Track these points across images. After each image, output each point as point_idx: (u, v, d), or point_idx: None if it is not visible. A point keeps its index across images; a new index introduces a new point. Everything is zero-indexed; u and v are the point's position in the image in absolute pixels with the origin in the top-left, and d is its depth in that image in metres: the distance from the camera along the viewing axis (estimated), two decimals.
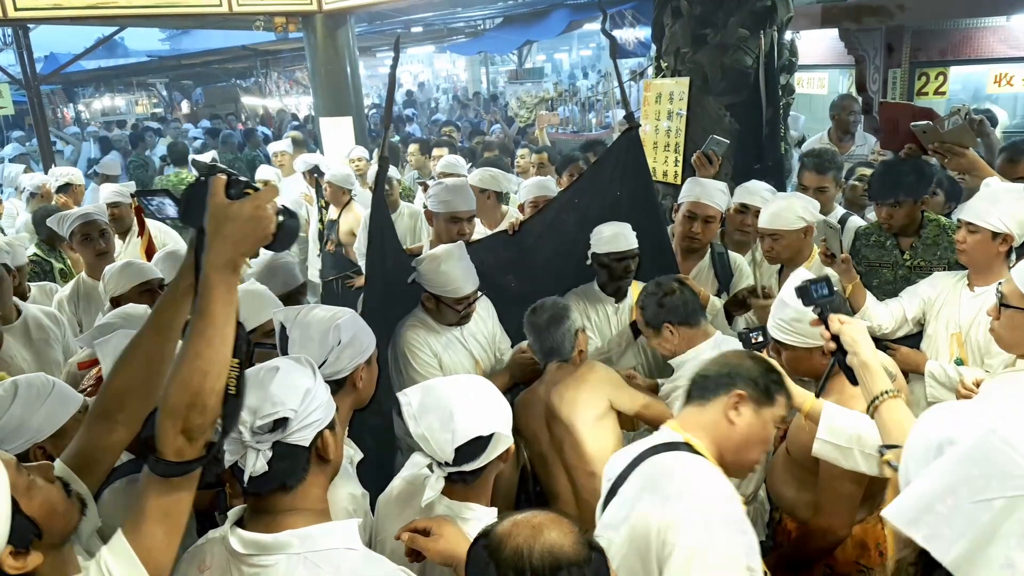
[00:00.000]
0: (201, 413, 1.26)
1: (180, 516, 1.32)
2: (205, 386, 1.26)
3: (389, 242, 3.09)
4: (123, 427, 1.51)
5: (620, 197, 3.39)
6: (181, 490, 1.30)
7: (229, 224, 1.29)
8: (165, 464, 1.27)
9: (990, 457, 0.97)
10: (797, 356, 2.27)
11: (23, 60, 11.52)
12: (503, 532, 1.27)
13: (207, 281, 1.28)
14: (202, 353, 1.26)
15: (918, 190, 3.21)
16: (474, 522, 1.74)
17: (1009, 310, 2.12)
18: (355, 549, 1.43)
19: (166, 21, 12.79)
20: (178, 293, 1.47)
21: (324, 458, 1.47)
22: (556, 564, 1.21)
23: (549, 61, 27.99)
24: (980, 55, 6.31)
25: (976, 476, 0.96)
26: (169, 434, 1.26)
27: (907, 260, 3.29)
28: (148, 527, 1.28)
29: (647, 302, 2.69)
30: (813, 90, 8.12)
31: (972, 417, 1.13)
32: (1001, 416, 1.09)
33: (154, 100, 22.94)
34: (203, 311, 1.28)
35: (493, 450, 1.76)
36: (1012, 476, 0.94)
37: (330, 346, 1.94)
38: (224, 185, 1.31)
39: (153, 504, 1.29)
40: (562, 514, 1.32)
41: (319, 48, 8.49)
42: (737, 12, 4.11)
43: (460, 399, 1.75)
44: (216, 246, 1.28)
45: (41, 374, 1.94)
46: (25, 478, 1.25)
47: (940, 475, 1.00)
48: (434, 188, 3.55)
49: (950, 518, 0.94)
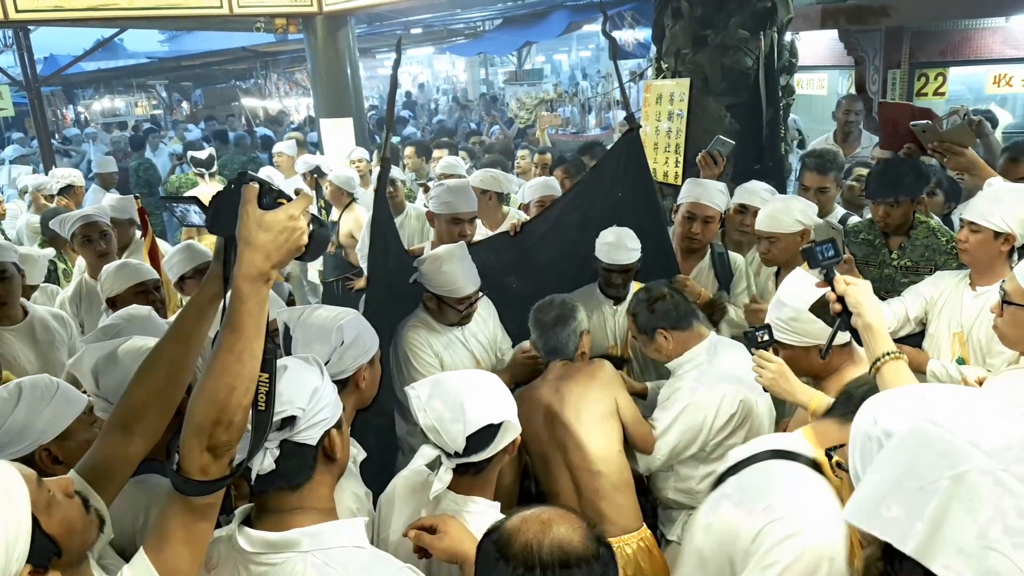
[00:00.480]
0: (227, 429, 1.24)
1: (205, 536, 1.31)
2: (232, 401, 1.23)
3: (392, 243, 3.10)
4: (141, 439, 1.49)
5: (622, 198, 3.40)
6: (206, 509, 1.28)
7: (263, 234, 1.25)
8: (190, 483, 1.24)
9: (926, 442, 1.01)
10: (795, 355, 2.28)
11: (23, 62, 11.53)
12: (512, 528, 1.28)
13: (237, 293, 1.24)
14: (230, 367, 1.22)
15: (916, 190, 3.23)
16: (478, 516, 1.75)
17: (1012, 307, 2.13)
18: (363, 548, 1.43)
19: (166, 22, 12.80)
20: (204, 302, 1.44)
21: (331, 457, 1.48)
22: (565, 559, 1.22)
23: (548, 62, 27.98)
24: (980, 56, 6.31)
25: (917, 463, 0.99)
26: (194, 451, 1.23)
27: (895, 259, 3.31)
28: (173, 548, 1.25)
29: (638, 309, 2.70)
30: (813, 91, 8.13)
31: (901, 405, 1.15)
32: (923, 398, 1.14)
33: (154, 102, 22.94)
34: (233, 324, 1.23)
35: (502, 439, 1.77)
36: (948, 456, 0.98)
37: (333, 346, 1.95)
38: (256, 194, 1.27)
39: (178, 524, 1.26)
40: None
41: (319, 49, 8.50)
42: (738, 13, 4.13)
43: (469, 390, 1.77)
44: (248, 256, 1.24)
45: (45, 375, 1.93)
46: (45, 495, 1.22)
47: (884, 468, 1.04)
48: (435, 189, 3.56)
49: (902, 508, 0.97)
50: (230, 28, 11.48)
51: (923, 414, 1.05)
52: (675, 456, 2.66)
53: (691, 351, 2.66)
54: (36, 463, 1.73)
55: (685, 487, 2.72)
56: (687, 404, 2.60)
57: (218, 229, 1.37)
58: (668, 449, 2.63)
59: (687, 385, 2.62)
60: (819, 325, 2.17)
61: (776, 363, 2.17)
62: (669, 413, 2.63)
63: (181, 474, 1.24)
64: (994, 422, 1.02)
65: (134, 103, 21.76)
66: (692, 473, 2.69)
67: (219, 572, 1.43)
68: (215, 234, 1.40)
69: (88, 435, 1.81)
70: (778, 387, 2.17)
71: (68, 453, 1.76)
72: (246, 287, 1.24)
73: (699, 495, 2.70)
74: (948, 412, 1.05)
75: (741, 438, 2.64)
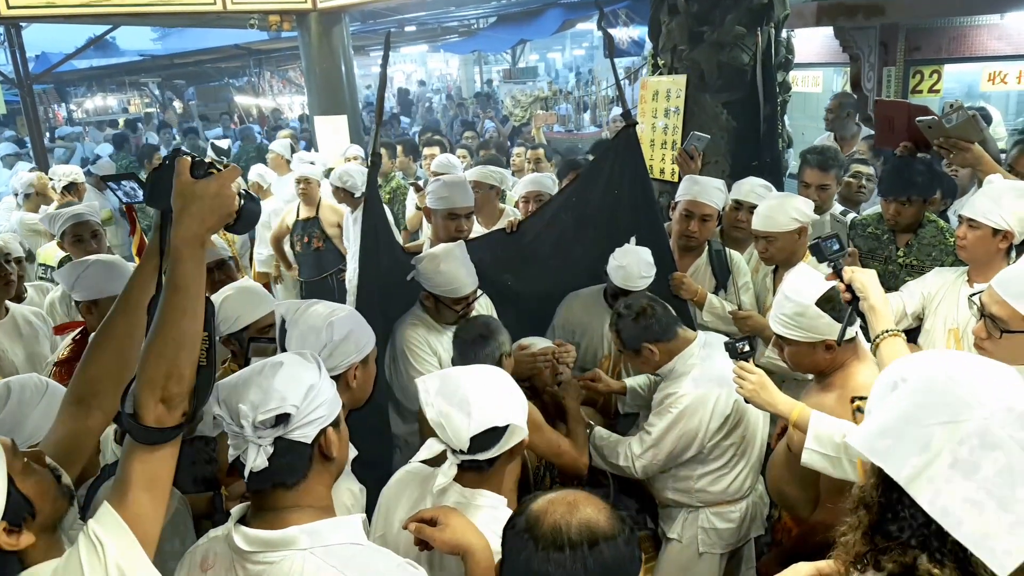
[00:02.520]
0: (178, 382, 1.30)
1: (165, 483, 1.34)
2: (181, 356, 1.30)
3: (384, 239, 3.08)
4: (99, 411, 1.56)
5: (619, 196, 3.38)
6: (164, 456, 1.32)
7: (196, 202, 1.33)
8: (146, 430, 1.29)
9: (935, 389, 1.12)
10: (800, 351, 2.27)
11: (15, 59, 11.44)
12: (540, 509, 1.33)
13: (177, 255, 1.32)
14: (177, 323, 1.30)
15: (929, 190, 3.24)
16: (487, 509, 1.73)
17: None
18: (361, 544, 1.42)
19: (160, 19, 12.74)
20: (145, 274, 1.54)
21: (327, 456, 1.46)
22: (593, 537, 1.27)
23: (543, 61, 27.98)
24: (974, 53, 6.31)
25: (923, 405, 1.10)
26: (149, 403, 1.29)
27: (901, 257, 3.30)
28: (134, 494, 1.29)
29: (622, 325, 2.68)
30: (808, 88, 8.12)
31: (924, 360, 1.24)
32: (947, 357, 1.23)
33: (146, 99, 22.84)
34: (175, 284, 1.31)
35: (508, 441, 1.75)
36: (951, 405, 1.08)
37: (323, 343, 1.94)
38: (188, 166, 1.36)
39: (137, 471, 1.30)
40: None
41: (313, 46, 8.47)
42: (734, 9, 4.11)
43: (478, 389, 1.75)
44: (184, 221, 1.33)
45: (34, 375, 1.92)
46: (21, 460, 1.30)
47: (894, 406, 1.15)
48: (432, 184, 3.55)
49: (901, 441, 1.09)
50: (223, 25, 11.41)
51: (941, 366, 1.15)
52: (672, 461, 2.65)
53: (680, 356, 2.65)
54: None
55: (684, 487, 2.71)
56: (681, 410, 2.58)
57: (156, 203, 1.46)
58: (665, 455, 2.62)
59: (679, 391, 2.61)
60: (825, 320, 2.16)
61: (757, 374, 2.15)
62: (663, 420, 2.62)
63: (139, 423, 1.29)
64: (1004, 387, 1.10)
65: (127, 101, 21.66)
66: (690, 473, 2.69)
67: (215, 572, 1.41)
68: (152, 207, 1.51)
69: None
70: (759, 398, 2.14)
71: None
72: (185, 250, 1.32)
73: (698, 494, 2.69)
74: (964, 370, 1.14)
75: (738, 438, 2.64)
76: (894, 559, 1.11)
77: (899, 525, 1.11)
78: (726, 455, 2.65)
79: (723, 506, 2.71)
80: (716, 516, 2.72)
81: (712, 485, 2.68)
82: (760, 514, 2.82)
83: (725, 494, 2.69)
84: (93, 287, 2.75)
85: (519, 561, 1.30)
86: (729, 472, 2.67)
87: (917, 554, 1.09)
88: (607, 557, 1.27)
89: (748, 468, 2.70)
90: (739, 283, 3.42)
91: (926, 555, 1.08)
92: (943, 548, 1.07)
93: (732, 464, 2.66)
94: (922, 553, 1.09)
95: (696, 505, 2.72)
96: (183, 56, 18.21)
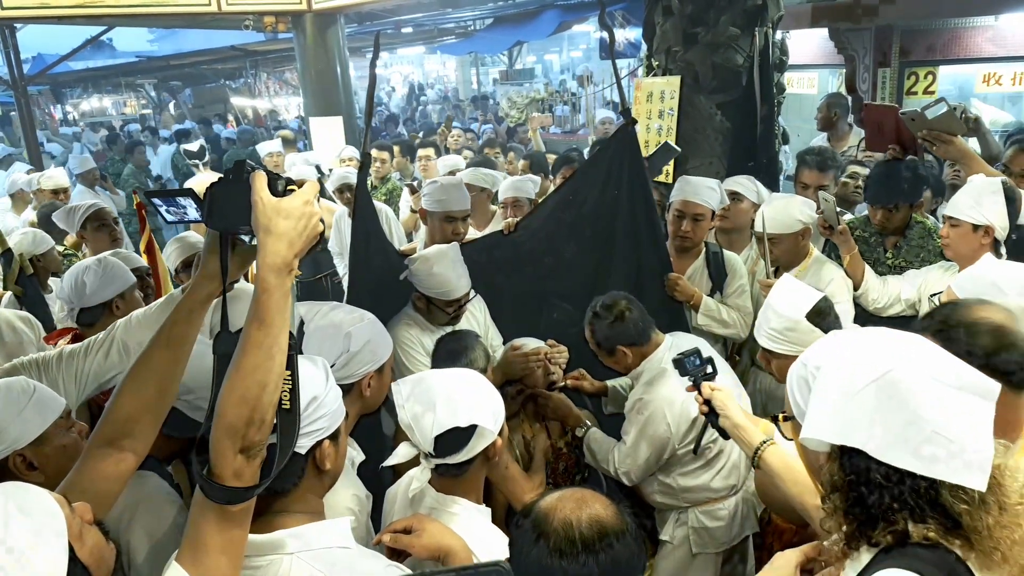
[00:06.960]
0: (260, 429, 1.18)
1: (241, 544, 1.25)
2: (264, 399, 1.17)
3: (374, 241, 3.07)
4: (131, 453, 1.43)
5: (618, 196, 3.35)
6: (240, 515, 1.22)
7: (283, 222, 1.18)
8: (224, 490, 1.17)
9: (849, 359, 1.19)
10: (788, 365, 2.25)
11: (10, 60, 11.43)
12: (548, 507, 1.35)
13: (264, 285, 1.17)
14: (261, 364, 1.16)
15: (915, 195, 3.27)
16: (461, 516, 1.73)
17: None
18: (349, 547, 1.41)
19: (155, 20, 12.68)
20: (195, 304, 1.38)
21: (321, 468, 1.43)
22: (603, 532, 1.30)
23: (539, 62, 27.98)
24: (969, 55, 6.32)
25: (847, 377, 1.17)
26: (228, 454, 1.17)
27: (889, 259, 3.32)
28: (211, 559, 1.19)
29: (597, 326, 2.68)
30: (802, 90, 8.13)
31: (823, 347, 1.28)
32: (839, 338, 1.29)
33: (142, 101, 22.79)
34: (260, 318, 1.16)
35: (476, 444, 1.73)
36: (871, 363, 1.15)
37: (339, 352, 1.93)
38: (267, 182, 1.20)
39: (213, 533, 1.19)
40: None
41: (309, 48, 8.47)
42: (728, 11, 4.11)
43: (446, 391, 1.74)
44: (271, 246, 1.17)
45: (21, 378, 1.84)
46: (77, 522, 1.15)
47: (821, 392, 1.20)
48: (429, 187, 3.53)
49: (847, 415, 1.14)
50: (219, 26, 11.39)
51: (842, 345, 1.23)
52: (652, 466, 2.65)
53: (648, 360, 2.66)
54: (10, 469, 1.66)
55: (667, 488, 2.71)
56: (647, 416, 2.58)
57: (216, 223, 1.29)
58: (643, 461, 2.62)
59: (645, 396, 2.61)
60: (817, 334, 2.15)
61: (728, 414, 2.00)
62: (634, 427, 2.62)
63: (215, 481, 1.17)
64: (906, 344, 1.18)
65: (122, 102, 21.61)
66: (670, 472, 2.68)
67: None
68: (212, 228, 1.32)
69: (65, 440, 1.75)
70: (733, 435, 2.00)
71: (44, 459, 1.70)
72: (272, 278, 1.17)
73: (683, 494, 2.68)
74: (864, 341, 1.22)
75: (712, 436, 2.61)
76: (886, 531, 1.13)
77: (874, 494, 1.13)
78: (704, 453, 2.62)
79: (711, 504, 2.70)
80: (705, 515, 2.70)
81: (693, 482, 2.66)
82: (753, 511, 2.80)
83: (710, 491, 2.67)
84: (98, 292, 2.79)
85: (530, 559, 1.31)
86: (709, 469, 2.66)
87: (904, 517, 1.11)
88: (617, 552, 1.29)
89: (730, 463, 2.68)
90: (735, 285, 3.39)
91: (909, 515, 1.11)
92: (919, 501, 1.10)
93: (713, 461, 2.65)
94: (907, 514, 1.11)
95: (684, 505, 2.71)
96: (179, 57, 18.18)
